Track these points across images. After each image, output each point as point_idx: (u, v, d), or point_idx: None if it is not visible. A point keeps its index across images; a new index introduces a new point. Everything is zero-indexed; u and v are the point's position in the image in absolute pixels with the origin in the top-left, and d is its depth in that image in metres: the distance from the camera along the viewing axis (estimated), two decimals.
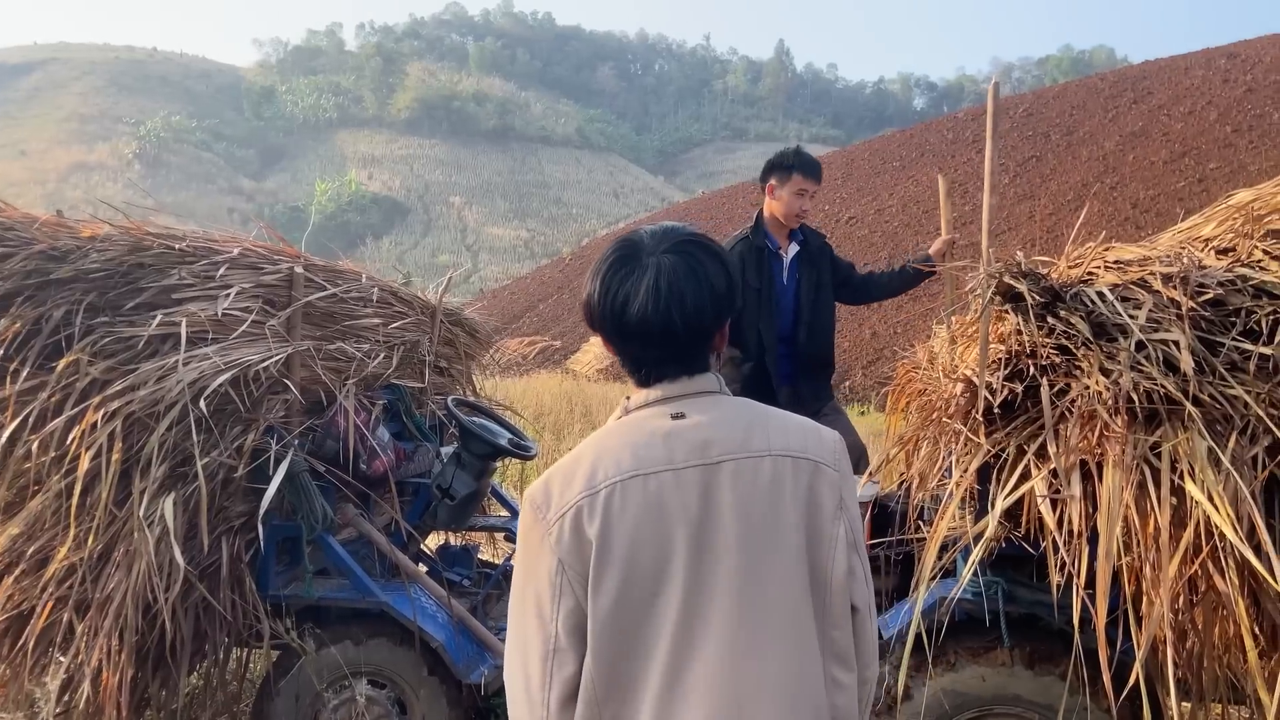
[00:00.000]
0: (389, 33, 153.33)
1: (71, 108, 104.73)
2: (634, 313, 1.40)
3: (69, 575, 2.98)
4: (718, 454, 1.37)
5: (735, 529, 1.35)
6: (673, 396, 1.43)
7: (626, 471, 1.35)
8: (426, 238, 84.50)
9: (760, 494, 1.37)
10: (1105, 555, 2.30)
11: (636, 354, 1.46)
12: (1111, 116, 33.04)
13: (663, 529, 1.33)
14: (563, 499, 1.36)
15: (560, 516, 1.35)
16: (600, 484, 1.35)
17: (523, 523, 1.42)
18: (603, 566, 1.32)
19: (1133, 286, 2.64)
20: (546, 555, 1.35)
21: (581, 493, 1.35)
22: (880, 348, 22.21)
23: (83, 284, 3.18)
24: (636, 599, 1.33)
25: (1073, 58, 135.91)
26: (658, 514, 1.34)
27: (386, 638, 3.33)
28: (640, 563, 1.33)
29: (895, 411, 3.65)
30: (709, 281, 1.42)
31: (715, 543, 1.34)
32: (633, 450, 1.37)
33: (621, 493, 1.34)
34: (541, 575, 1.36)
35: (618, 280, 1.42)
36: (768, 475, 1.38)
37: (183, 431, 3.00)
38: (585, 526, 1.33)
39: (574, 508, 1.35)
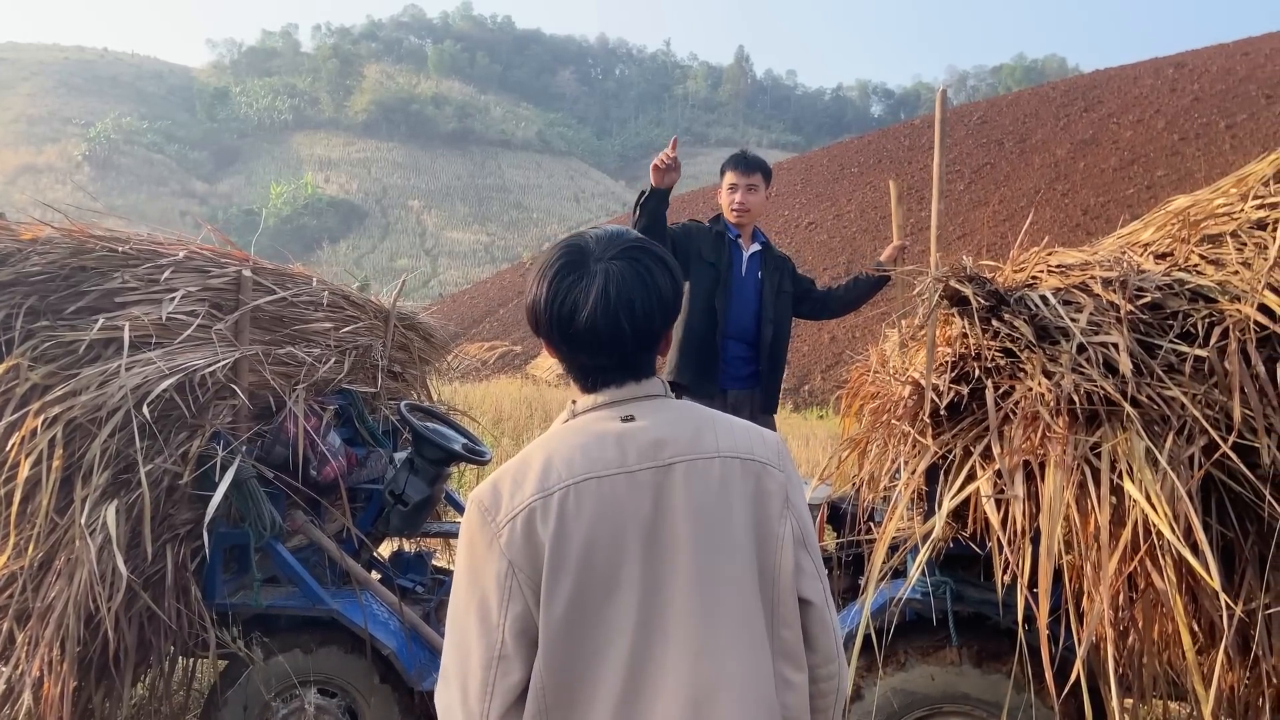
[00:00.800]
0: (346, 34, 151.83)
1: (19, 109, 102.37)
2: (583, 320, 1.38)
3: (9, 584, 2.91)
4: (669, 455, 1.37)
5: (688, 530, 1.34)
6: (621, 400, 1.43)
7: (579, 474, 1.34)
8: (385, 241, 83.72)
9: (711, 495, 1.37)
10: (1047, 554, 2.34)
11: (584, 361, 1.45)
12: (1063, 124, 33.68)
13: (617, 531, 1.32)
14: (513, 501, 1.34)
15: (511, 518, 1.32)
16: (554, 486, 1.33)
17: (467, 525, 1.37)
18: (557, 570, 1.30)
19: (1074, 290, 2.70)
20: (495, 558, 1.32)
21: (534, 495, 1.33)
22: (839, 351, 22.42)
23: (23, 287, 3.11)
24: (591, 603, 1.31)
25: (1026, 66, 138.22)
26: (612, 516, 1.32)
27: (337, 646, 3.30)
28: (595, 566, 1.31)
29: (848, 414, 3.68)
30: (657, 288, 1.42)
31: (669, 544, 1.34)
32: (584, 452, 1.36)
33: (575, 495, 1.32)
34: (488, 578, 1.32)
35: (565, 286, 1.40)
36: (717, 476, 1.38)
37: (125, 438, 2.94)
38: (538, 529, 1.31)
39: (526, 509, 1.32)
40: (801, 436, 13.15)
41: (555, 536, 1.30)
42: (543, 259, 1.46)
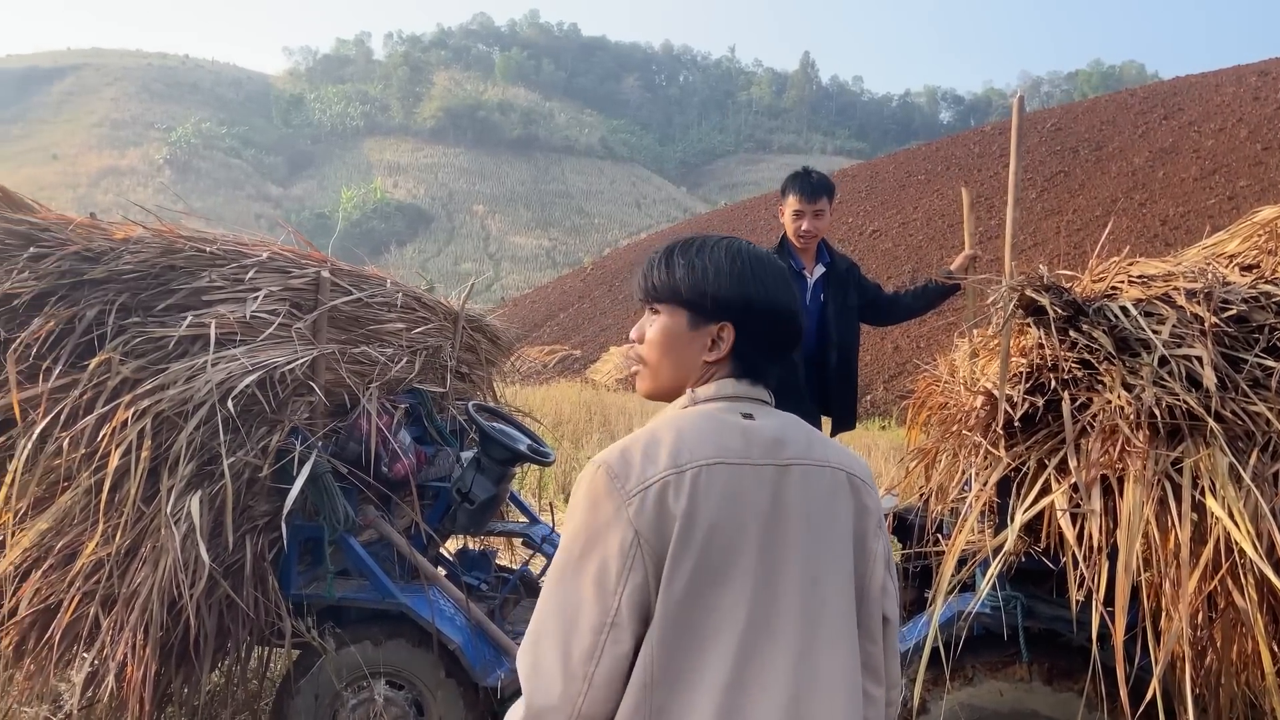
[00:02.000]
0: (416, 42, 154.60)
1: (103, 113, 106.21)
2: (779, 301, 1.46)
3: (96, 570, 3.02)
4: (787, 456, 1.38)
5: (799, 532, 1.36)
6: (743, 396, 1.45)
7: (711, 457, 1.33)
8: (449, 245, 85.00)
9: (821, 502, 1.39)
10: (1125, 570, 2.29)
11: (755, 354, 1.47)
12: (1141, 132, 32.82)
13: (738, 520, 1.32)
14: (645, 472, 1.32)
15: (643, 488, 1.30)
16: (686, 464, 1.32)
17: (592, 488, 1.34)
18: (682, 548, 1.29)
19: (1156, 302, 2.64)
20: (621, 526, 1.30)
21: (668, 469, 1.31)
22: (902, 362, 22.13)
23: (116, 285, 3.23)
24: (707, 586, 1.31)
25: (1102, 72, 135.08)
26: (735, 504, 1.32)
27: (405, 639, 3.36)
28: (715, 550, 1.31)
29: (915, 424, 3.64)
30: None
31: (781, 542, 1.35)
32: (714, 437, 1.36)
33: (707, 476, 1.32)
34: (611, 544, 1.30)
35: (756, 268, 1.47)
36: (828, 485, 1.40)
37: (210, 431, 3.04)
38: (670, 504, 1.30)
39: (660, 482, 1.31)
40: (864, 447, 13.00)
41: (686, 514, 1.30)
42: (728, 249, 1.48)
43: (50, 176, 79.30)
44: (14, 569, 3.02)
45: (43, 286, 3.18)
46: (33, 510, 3.11)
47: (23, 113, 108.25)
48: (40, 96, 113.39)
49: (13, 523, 3.05)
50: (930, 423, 3.48)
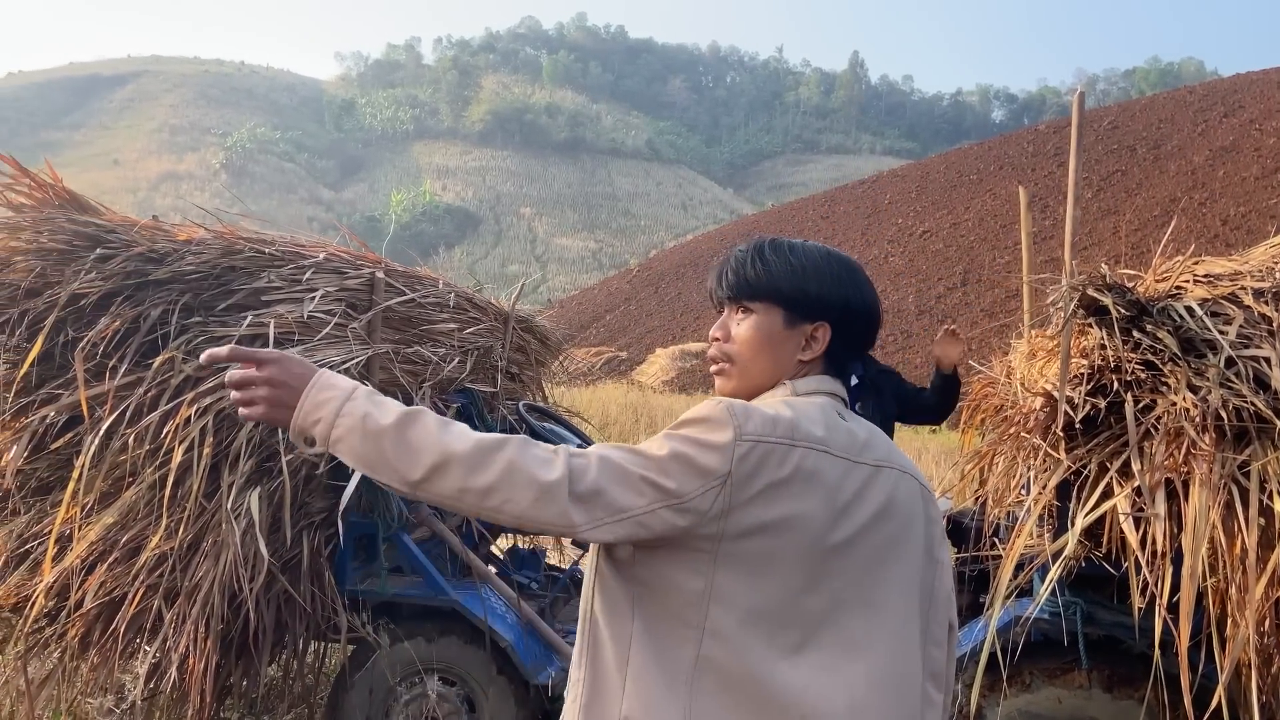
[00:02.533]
0: (465, 46, 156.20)
1: (162, 119, 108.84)
2: (874, 302, 1.49)
3: (159, 564, 3.09)
4: (873, 459, 1.39)
5: (875, 531, 1.36)
6: (837, 395, 1.46)
7: (822, 442, 1.33)
8: (497, 248, 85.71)
9: (898, 506, 1.40)
10: (1190, 576, 2.24)
11: (845, 347, 1.48)
12: (1201, 130, 32.06)
13: (827, 509, 1.31)
14: (763, 428, 1.30)
15: (756, 440, 1.28)
16: (800, 441, 1.31)
17: (710, 411, 1.32)
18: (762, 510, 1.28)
19: (1223, 301, 2.58)
20: (721, 457, 1.27)
21: (784, 438, 1.30)
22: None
23: (179, 285, 3.31)
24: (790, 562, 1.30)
25: (1160, 69, 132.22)
26: (831, 494, 1.32)
27: (457, 636, 3.40)
28: (804, 531, 1.30)
29: (971, 426, 3.60)
30: None
31: (864, 541, 1.35)
32: (826, 427, 1.36)
33: (814, 460, 1.31)
34: (706, 464, 1.27)
35: (854, 272, 1.49)
36: (905, 491, 1.41)
37: (268, 428, 3.10)
38: (771, 469, 1.28)
39: (771, 445, 1.29)
40: (914, 450, 12.86)
41: (781, 482, 1.29)
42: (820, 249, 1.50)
43: (111, 181, 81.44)
44: (80, 562, 3.11)
45: (109, 287, 3.26)
46: (99, 505, 3.19)
47: (85, 119, 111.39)
48: (102, 103, 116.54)
49: (80, 517, 3.14)
50: (985, 425, 3.43)
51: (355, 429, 1.24)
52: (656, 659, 1.32)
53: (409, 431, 1.24)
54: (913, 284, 29.09)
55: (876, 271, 30.67)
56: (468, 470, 1.23)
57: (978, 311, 25.50)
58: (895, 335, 25.64)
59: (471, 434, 1.27)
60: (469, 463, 1.23)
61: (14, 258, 3.34)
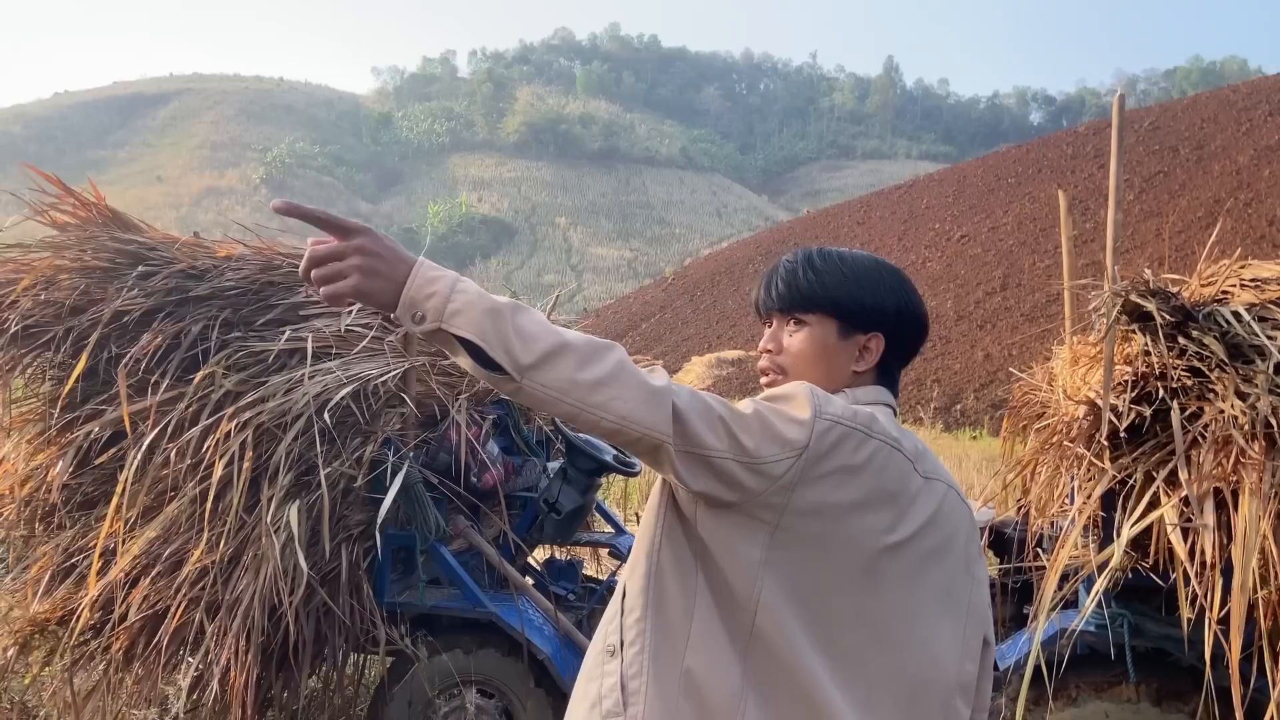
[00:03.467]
0: (500, 59, 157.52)
1: (204, 135, 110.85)
2: (922, 313, 1.48)
3: (201, 577, 3.13)
4: (924, 470, 1.37)
5: (923, 539, 1.34)
6: (891, 406, 1.45)
7: (894, 438, 1.32)
8: (533, 258, 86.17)
9: (946, 518, 1.38)
10: (1240, 588, 2.18)
11: (896, 358, 1.47)
12: (1245, 130, 31.44)
13: (890, 508, 1.30)
14: (844, 413, 1.28)
15: (835, 421, 1.26)
16: (877, 434, 1.30)
17: (791, 394, 1.30)
18: (833, 492, 1.26)
19: (1271, 306, 2.52)
20: (801, 433, 1.24)
21: (862, 426, 1.29)
22: (994, 370, 21.59)
23: (219, 301, 3.36)
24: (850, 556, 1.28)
25: (1202, 69, 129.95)
26: (890, 492, 1.30)
27: (495, 648, 3.40)
28: (863, 524, 1.28)
29: (1013, 434, 3.54)
30: None
31: (910, 544, 1.32)
32: (895, 427, 1.37)
33: (886, 454, 1.30)
34: (784, 434, 1.24)
35: (905, 282, 1.49)
36: (951, 504, 1.40)
37: (307, 442, 3.13)
38: (844, 453, 1.26)
39: (849, 429, 1.27)
40: (954, 457, 12.70)
41: (854, 468, 1.27)
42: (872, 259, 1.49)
43: (155, 197, 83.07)
44: (124, 576, 3.15)
45: (151, 303, 3.32)
46: (141, 519, 3.24)
47: (129, 136, 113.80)
48: (145, 121, 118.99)
49: (123, 531, 3.18)
50: (1027, 433, 3.37)
51: (474, 304, 1.17)
52: (720, 617, 1.29)
53: (522, 317, 1.19)
54: (951, 289, 28.80)
55: (914, 277, 30.30)
56: (581, 361, 1.18)
57: (1018, 316, 25.18)
58: (934, 341, 25.37)
59: (580, 333, 1.23)
60: (583, 355, 1.18)
61: (59, 276, 3.42)
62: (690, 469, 1.23)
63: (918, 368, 23.65)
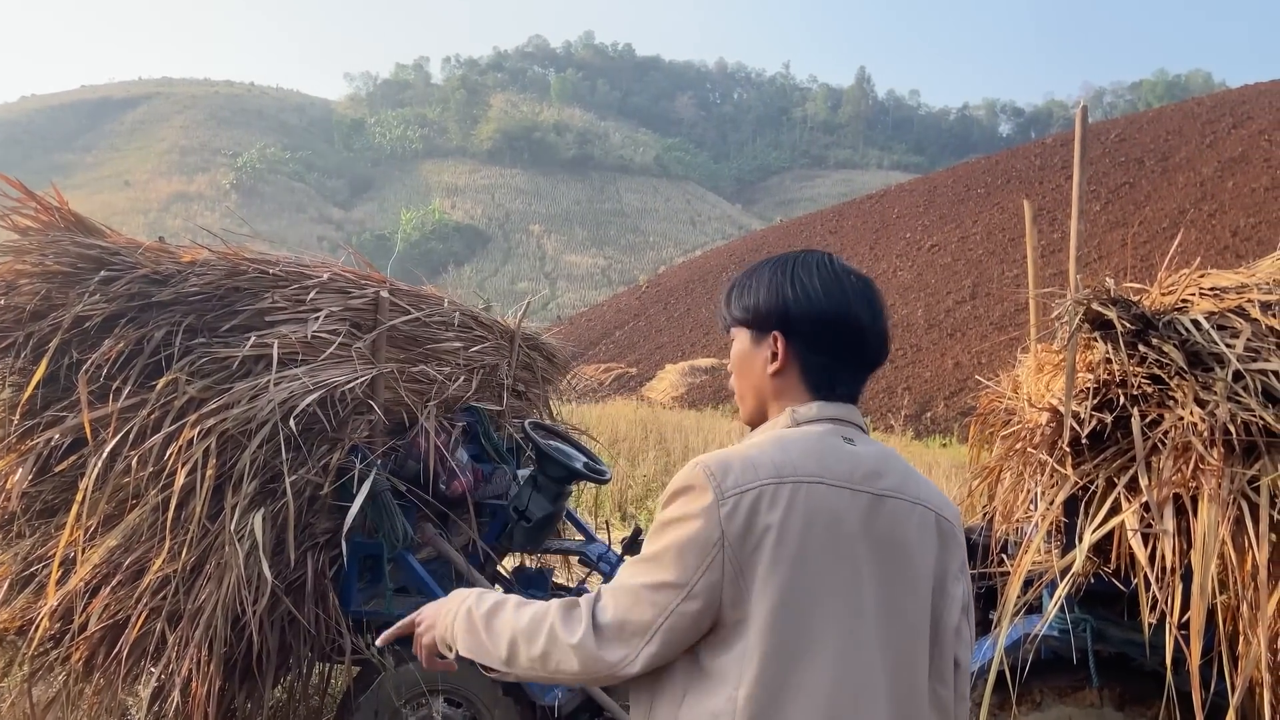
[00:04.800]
0: (474, 65, 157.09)
1: (173, 140, 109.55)
2: (858, 316, 1.43)
3: (163, 586, 3.08)
4: (883, 488, 1.37)
5: (884, 564, 1.35)
6: (843, 419, 1.43)
7: (814, 474, 1.32)
8: (506, 265, 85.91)
9: (910, 538, 1.38)
10: (1200, 593, 2.21)
11: (828, 358, 1.44)
12: (1209, 142, 31.99)
13: (834, 540, 1.31)
14: (744, 477, 1.30)
15: (739, 492, 1.29)
16: (788, 477, 1.31)
17: (686, 483, 1.33)
18: (775, 560, 1.28)
19: (1230, 314, 2.56)
20: (709, 524, 1.28)
21: (768, 479, 1.30)
22: (963, 378, 21.78)
23: (182, 306, 3.32)
24: (803, 604, 1.29)
25: (1167, 82, 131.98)
26: (833, 524, 1.31)
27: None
28: (808, 568, 1.29)
29: (978, 442, 3.57)
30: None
31: (870, 571, 1.34)
32: (820, 458, 1.35)
33: (807, 493, 1.30)
34: (696, 538, 1.29)
35: (836, 282, 1.44)
36: (916, 523, 1.39)
37: (272, 449, 3.10)
38: (763, 513, 1.28)
39: (756, 489, 1.29)
40: (924, 465, 12.79)
41: (780, 526, 1.28)
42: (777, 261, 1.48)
43: (123, 202, 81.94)
44: (84, 585, 3.10)
45: (113, 309, 3.27)
46: (102, 527, 3.19)
47: (97, 141, 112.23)
48: (113, 125, 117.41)
49: (83, 540, 3.13)
50: (993, 440, 3.40)
51: (462, 629, 1.43)
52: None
53: (494, 620, 1.40)
54: (921, 298, 29.03)
55: (886, 286, 30.64)
56: (527, 642, 1.35)
57: (987, 325, 25.43)
58: (905, 349, 25.55)
59: (536, 606, 1.38)
60: (526, 635, 1.35)
61: (19, 280, 3.36)
62: (653, 653, 1.30)
63: (889, 375, 23.82)
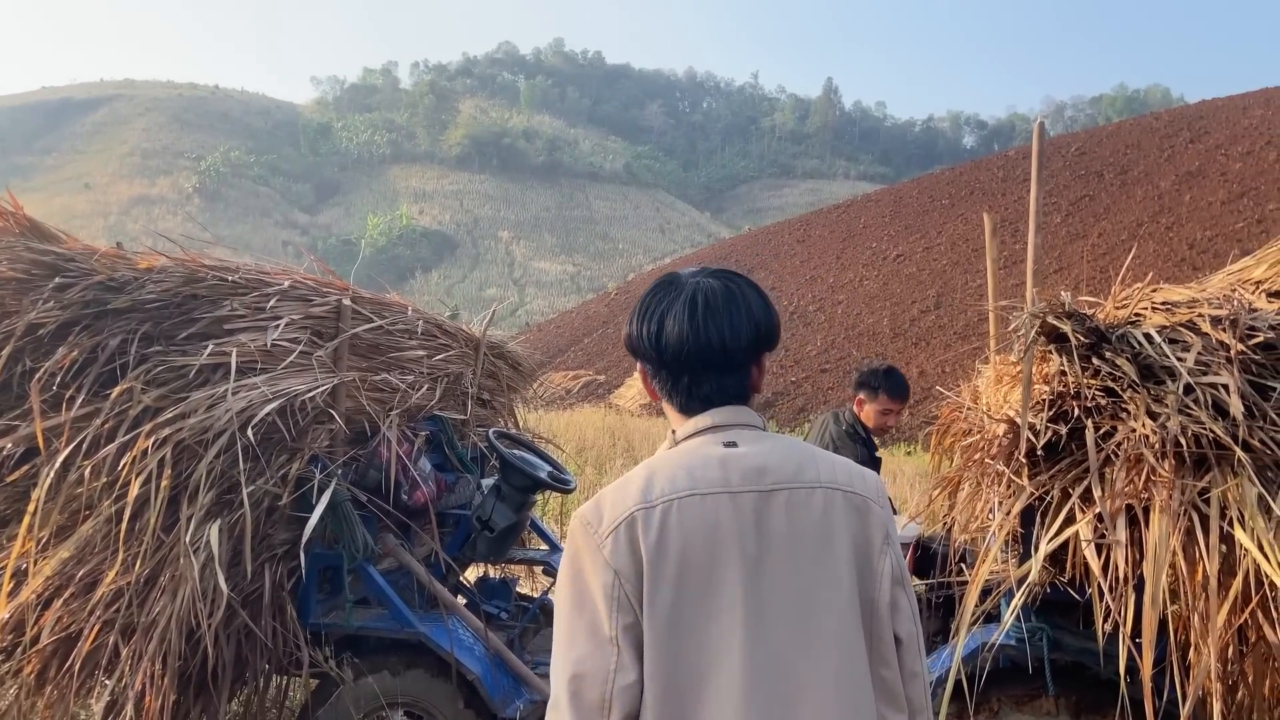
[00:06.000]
0: (442, 71, 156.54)
1: (135, 143, 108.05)
2: (670, 330, 1.43)
3: (116, 599, 3.03)
4: (771, 482, 1.37)
5: (789, 556, 1.35)
6: (722, 425, 1.44)
7: (683, 490, 1.35)
8: (475, 271, 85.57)
9: (813, 524, 1.37)
10: (1151, 603, 2.25)
11: (675, 376, 1.46)
12: (1167, 156, 32.59)
13: (717, 549, 1.33)
14: (615, 511, 1.36)
15: (614, 529, 1.34)
16: (656, 499, 1.35)
17: (572, 541, 1.39)
18: (656, 580, 1.31)
19: (1181, 329, 2.60)
20: (601, 570, 1.33)
21: (636, 505, 1.35)
22: (928, 387, 21.96)
23: (139, 314, 3.26)
24: (694, 617, 1.32)
25: (1127, 96, 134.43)
26: (713, 533, 1.33)
27: (424, 669, 3.34)
28: (694, 580, 1.32)
29: (939, 452, 3.60)
30: (747, 306, 1.45)
31: (770, 568, 1.34)
32: (688, 471, 1.38)
33: (678, 509, 1.34)
34: (596, 592, 1.33)
35: (654, 301, 1.46)
36: (820, 506, 1.38)
37: (230, 459, 3.05)
38: (639, 537, 1.32)
39: (627, 519, 1.34)
40: (888, 473, 12.88)
41: (656, 546, 1.32)
42: (646, 296, 1.53)
43: (83, 205, 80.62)
44: (36, 597, 3.04)
45: (67, 316, 3.21)
46: (55, 539, 3.13)
47: (56, 143, 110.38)
48: (74, 127, 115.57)
49: (35, 551, 3.07)
50: (953, 450, 3.44)
51: None
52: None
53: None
54: (887, 307, 29.27)
55: (852, 295, 30.89)
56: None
57: (951, 334, 25.70)
58: (871, 357, 25.75)
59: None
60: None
61: None
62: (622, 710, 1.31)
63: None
